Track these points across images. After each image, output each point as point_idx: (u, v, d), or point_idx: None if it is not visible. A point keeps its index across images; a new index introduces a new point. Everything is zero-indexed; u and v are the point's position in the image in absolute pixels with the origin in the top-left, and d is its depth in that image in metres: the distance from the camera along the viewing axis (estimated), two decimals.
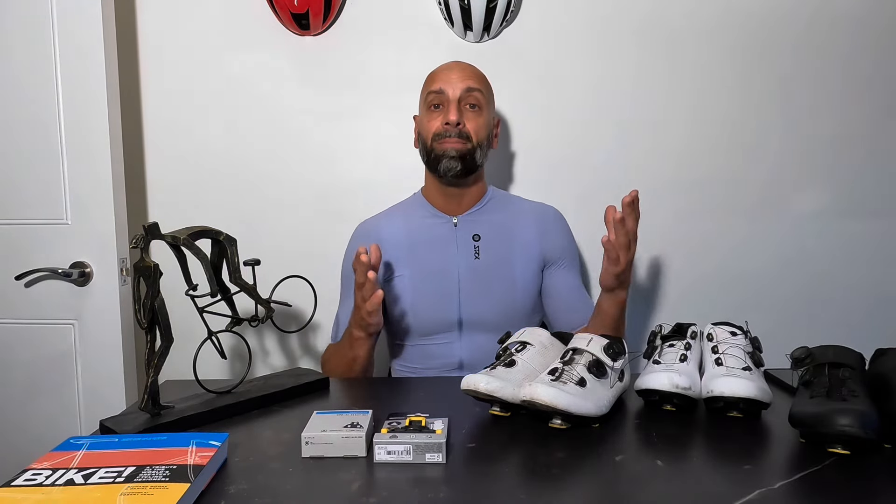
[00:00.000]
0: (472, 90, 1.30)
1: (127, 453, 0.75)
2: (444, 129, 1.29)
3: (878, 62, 1.66)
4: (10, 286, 1.47)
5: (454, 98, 1.29)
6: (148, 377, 0.94)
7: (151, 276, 0.93)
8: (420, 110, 1.38)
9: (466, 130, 1.29)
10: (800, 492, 0.70)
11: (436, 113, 1.32)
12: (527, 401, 0.86)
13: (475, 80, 1.33)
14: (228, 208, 1.70)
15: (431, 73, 1.37)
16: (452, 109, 1.29)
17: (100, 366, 1.48)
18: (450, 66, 1.35)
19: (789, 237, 1.72)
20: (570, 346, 0.97)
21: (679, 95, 1.68)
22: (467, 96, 1.30)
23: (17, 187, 1.46)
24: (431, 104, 1.32)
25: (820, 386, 0.85)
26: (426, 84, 1.36)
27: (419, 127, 1.37)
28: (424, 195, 1.40)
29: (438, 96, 1.31)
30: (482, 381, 0.90)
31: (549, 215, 1.41)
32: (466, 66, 1.36)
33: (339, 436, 0.80)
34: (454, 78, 1.31)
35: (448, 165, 1.28)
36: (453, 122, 1.28)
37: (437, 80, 1.32)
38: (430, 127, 1.31)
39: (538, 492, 0.71)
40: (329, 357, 1.35)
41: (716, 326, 1.00)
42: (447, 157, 1.28)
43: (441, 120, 1.30)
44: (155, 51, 1.68)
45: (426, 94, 1.33)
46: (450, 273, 1.31)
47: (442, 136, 1.29)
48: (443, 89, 1.30)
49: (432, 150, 1.31)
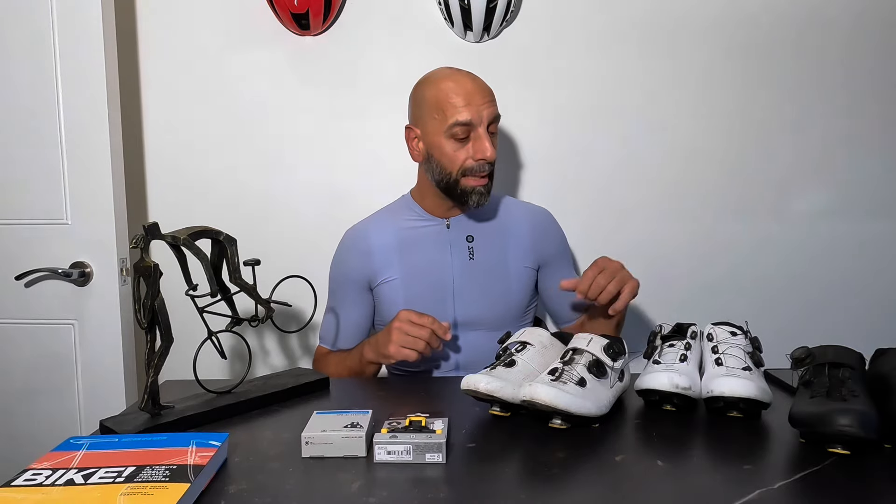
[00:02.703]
0: (497, 117, 1.23)
1: (127, 453, 0.75)
2: (478, 164, 1.21)
3: (882, 61, 1.66)
4: (10, 286, 1.47)
5: (484, 131, 1.21)
6: (148, 377, 0.94)
7: (151, 276, 0.93)
8: (432, 131, 1.24)
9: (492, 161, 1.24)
10: (800, 492, 0.70)
11: (461, 144, 1.21)
12: (527, 401, 0.86)
13: (494, 102, 1.24)
14: (228, 208, 1.70)
15: (443, 90, 1.22)
16: (488, 146, 1.20)
17: (100, 366, 1.48)
18: (468, 89, 1.21)
19: (789, 237, 1.72)
20: (569, 346, 0.97)
21: (680, 95, 1.68)
22: (491, 125, 1.23)
23: (17, 187, 1.46)
24: (457, 136, 1.21)
25: (820, 386, 0.85)
26: (444, 106, 1.21)
27: (435, 152, 1.25)
28: (415, 198, 1.38)
29: (465, 128, 1.20)
30: (482, 381, 0.90)
31: (541, 217, 1.41)
32: (481, 84, 1.24)
33: (339, 436, 0.80)
34: (479, 104, 1.20)
35: (479, 202, 1.25)
36: (490, 159, 1.21)
37: (459, 109, 1.19)
38: (457, 159, 1.22)
39: (538, 492, 0.71)
40: (329, 365, 1.34)
41: (716, 326, 1.00)
42: (477, 193, 1.24)
43: (472, 153, 1.21)
44: (155, 51, 1.68)
45: (450, 125, 1.20)
46: (443, 274, 1.31)
47: (473, 171, 1.22)
48: (472, 122, 1.19)
49: (457, 184, 1.24)
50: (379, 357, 1.20)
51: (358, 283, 1.34)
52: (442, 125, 1.22)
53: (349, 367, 1.29)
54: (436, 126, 1.23)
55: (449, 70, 1.28)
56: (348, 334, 1.35)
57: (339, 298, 1.37)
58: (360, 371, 1.27)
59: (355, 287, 1.35)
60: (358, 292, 1.35)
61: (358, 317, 1.36)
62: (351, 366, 1.28)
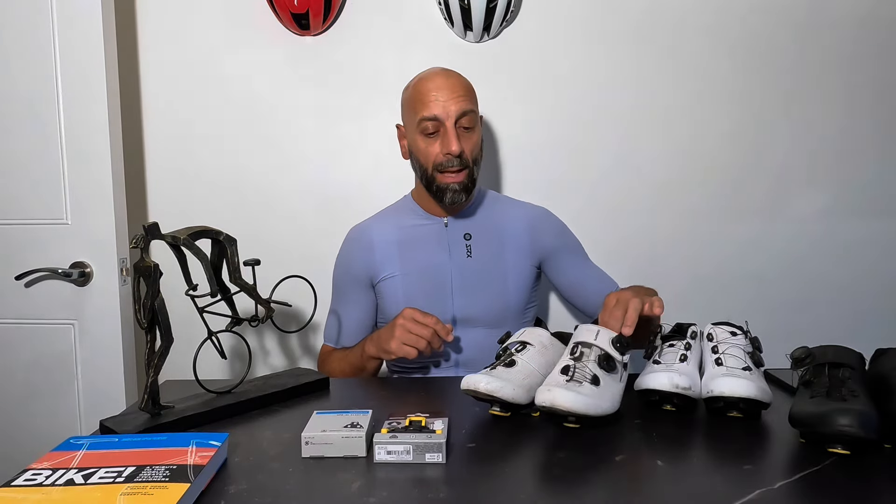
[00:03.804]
0: (467, 112, 1.25)
1: (127, 453, 0.75)
2: (446, 158, 1.25)
3: (882, 61, 1.66)
4: (10, 286, 1.47)
5: (451, 125, 1.23)
6: (148, 377, 0.94)
7: (151, 276, 0.93)
8: (409, 128, 1.31)
9: (465, 157, 1.26)
10: (800, 492, 0.70)
11: (432, 139, 1.26)
12: (546, 407, 0.86)
13: (466, 98, 1.26)
14: (228, 208, 1.70)
15: (417, 90, 1.27)
16: (452, 139, 1.23)
17: (100, 366, 1.48)
18: (437, 84, 1.25)
19: (789, 237, 1.72)
20: (576, 339, 0.95)
21: (680, 95, 1.68)
22: (462, 119, 1.25)
23: (17, 187, 1.46)
24: (426, 132, 1.25)
25: (820, 386, 0.85)
26: (414, 105, 1.26)
27: (413, 148, 1.30)
28: (414, 198, 1.41)
29: (434, 123, 1.24)
30: (482, 381, 0.90)
31: (536, 213, 1.43)
32: (454, 79, 1.27)
33: (339, 436, 0.80)
34: (446, 99, 1.23)
35: (454, 199, 1.28)
36: (455, 152, 1.23)
37: (428, 104, 1.24)
38: (429, 154, 1.26)
39: (538, 492, 0.71)
40: (332, 362, 1.36)
41: (716, 326, 1.00)
42: (451, 190, 1.27)
43: (440, 148, 1.25)
44: (155, 50, 1.68)
45: (418, 121, 1.25)
46: (442, 271, 1.33)
47: (443, 167, 1.25)
48: (437, 116, 1.23)
49: (433, 180, 1.28)
50: (380, 352, 1.21)
51: (360, 279, 1.37)
52: (414, 121, 1.27)
53: (351, 362, 1.30)
54: (411, 123, 1.29)
55: (429, 70, 1.32)
56: (351, 332, 1.37)
57: (343, 296, 1.39)
58: (361, 367, 1.28)
59: (358, 283, 1.37)
60: (360, 289, 1.37)
61: (360, 314, 1.38)
62: (353, 361, 1.29)
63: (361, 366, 1.28)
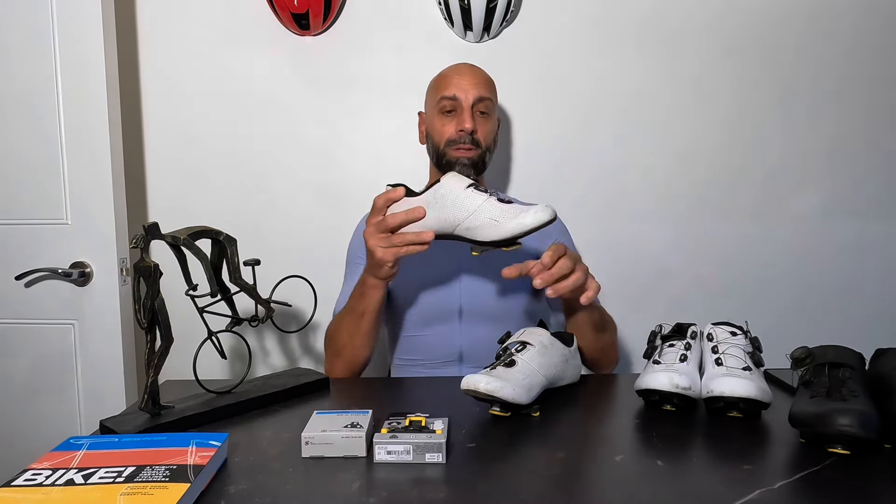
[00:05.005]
0: (484, 99, 1.32)
1: (127, 453, 0.75)
2: (458, 135, 1.31)
3: (878, 62, 1.67)
4: (10, 286, 1.47)
5: (467, 105, 1.31)
6: (148, 377, 0.94)
7: (151, 276, 0.93)
8: (429, 111, 1.39)
9: (478, 137, 1.32)
10: (800, 492, 0.70)
11: (448, 118, 1.33)
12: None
13: (486, 87, 1.34)
14: (228, 208, 1.70)
15: (442, 74, 1.37)
16: (467, 117, 1.30)
17: (100, 366, 1.48)
18: (461, 71, 1.35)
19: (789, 237, 1.72)
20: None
21: (679, 95, 1.68)
22: (479, 104, 1.32)
23: (17, 187, 1.46)
24: (444, 109, 1.33)
25: (820, 386, 0.85)
26: (438, 87, 1.36)
27: (430, 129, 1.37)
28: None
29: (451, 102, 1.32)
30: (482, 381, 0.90)
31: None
32: (477, 70, 1.36)
33: (339, 436, 0.80)
34: (466, 84, 1.32)
35: (462, 173, 1.28)
36: (468, 129, 1.30)
37: (450, 86, 1.33)
38: (444, 132, 1.33)
39: (538, 492, 0.71)
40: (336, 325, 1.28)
41: (716, 326, 1.00)
42: (460, 164, 1.31)
43: (455, 126, 1.32)
44: (155, 51, 1.68)
45: (438, 99, 1.33)
46: (450, 261, 1.34)
47: (455, 143, 1.31)
48: (456, 96, 1.31)
49: (444, 155, 1.33)
50: (372, 268, 1.15)
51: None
52: (434, 101, 1.35)
53: (352, 306, 1.23)
54: (432, 104, 1.37)
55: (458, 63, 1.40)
56: None
57: (354, 272, 1.34)
58: (362, 303, 1.20)
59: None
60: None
61: None
62: (353, 305, 1.23)
63: (360, 296, 1.20)
